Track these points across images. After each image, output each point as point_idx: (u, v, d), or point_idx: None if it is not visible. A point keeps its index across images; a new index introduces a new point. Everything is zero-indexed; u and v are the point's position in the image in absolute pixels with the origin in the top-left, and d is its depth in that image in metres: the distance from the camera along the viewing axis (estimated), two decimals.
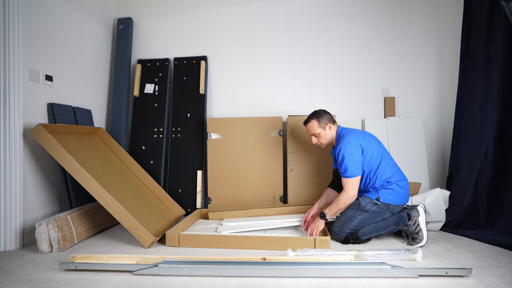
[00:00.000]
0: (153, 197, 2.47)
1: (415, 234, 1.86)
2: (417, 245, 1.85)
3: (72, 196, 2.21)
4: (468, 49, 2.28)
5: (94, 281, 1.42)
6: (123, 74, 2.92)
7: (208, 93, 2.97)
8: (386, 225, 1.88)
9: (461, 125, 2.31)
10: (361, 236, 1.87)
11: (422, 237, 1.85)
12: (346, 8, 2.89)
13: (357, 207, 1.88)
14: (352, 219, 1.87)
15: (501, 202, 1.90)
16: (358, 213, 1.87)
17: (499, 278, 1.41)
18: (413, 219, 1.87)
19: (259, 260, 1.52)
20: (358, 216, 1.87)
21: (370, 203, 1.86)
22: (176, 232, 1.94)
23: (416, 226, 1.86)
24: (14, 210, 1.90)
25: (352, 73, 2.88)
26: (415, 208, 1.93)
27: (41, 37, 2.15)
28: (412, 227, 1.86)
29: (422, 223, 1.86)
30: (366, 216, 1.87)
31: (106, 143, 2.51)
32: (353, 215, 1.88)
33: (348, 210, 1.91)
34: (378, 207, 1.86)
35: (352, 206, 1.90)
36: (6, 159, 1.89)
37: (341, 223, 1.90)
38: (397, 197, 1.87)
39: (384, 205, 1.86)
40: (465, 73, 2.29)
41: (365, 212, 1.87)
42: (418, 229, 1.85)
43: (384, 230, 1.89)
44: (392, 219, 1.89)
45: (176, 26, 3.03)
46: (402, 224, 1.88)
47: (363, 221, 1.87)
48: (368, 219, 1.87)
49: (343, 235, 1.89)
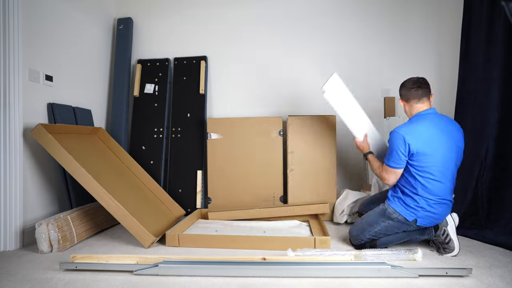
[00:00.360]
0: (153, 197, 2.47)
1: (445, 244, 1.69)
2: (450, 255, 1.70)
3: (72, 196, 2.21)
4: (468, 49, 2.27)
5: (94, 281, 1.42)
6: (123, 74, 2.92)
7: (208, 93, 2.97)
8: (405, 235, 1.74)
9: (461, 125, 2.30)
10: (379, 245, 1.74)
11: (454, 247, 1.67)
12: (346, 7, 2.89)
13: (382, 212, 1.72)
14: (374, 225, 1.72)
15: (501, 202, 1.90)
16: (381, 219, 1.71)
17: (499, 278, 1.41)
18: (441, 229, 1.70)
19: (259, 260, 1.52)
20: (381, 223, 1.71)
21: (396, 213, 1.68)
22: (176, 232, 1.94)
23: (446, 236, 1.68)
24: (14, 210, 1.90)
25: (352, 73, 2.88)
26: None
27: (41, 37, 2.15)
28: (441, 237, 1.70)
29: (451, 232, 1.69)
30: (390, 224, 1.69)
31: (106, 143, 2.51)
32: (375, 221, 1.72)
33: (371, 214, 1.77)
34: (404, 220, 1.67)
35: (377, 210, 1.76)
36: (6, 159, 1.89)
37: (361, 227, 1.76)
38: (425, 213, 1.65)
39: (406, 220, 1.68)
40: (465, 73, 2.29)
41: (390, 220, 1.69)
42: (448, 239, 1.68)
43: (406, 239, 1.76)
44: (416, 231, 1.75)
45: (176, 26, 3.04)
46: (428, 235, 1.73)
47: (386, 229, 1.70)
48: (392, 228, 1.70)
49: (362, 240, 1.76)
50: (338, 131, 2.72)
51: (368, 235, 1.75)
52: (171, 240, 1.90)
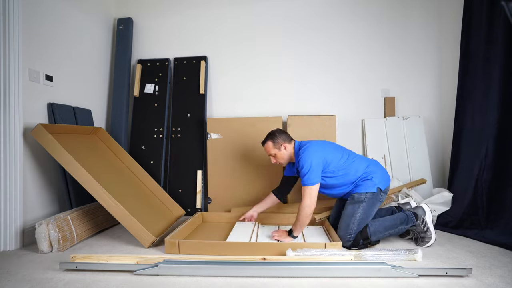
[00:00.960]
0: (153, 197, 2.47)
1: (423, 233, 1.84)
2: (426, 245, 1.83)
3: (72, 196, 2.21)
4: (468, 49, 2.28)
5: (94, 281, 1.42)
6: (123, 74, 2.92)
7: (208, 93, 2.97)
8: (393, 223, 1.85)
9: (461, 125, 2.31)
10: (371, 236, 1.80)
11: (431, 236, 1.83)
12: (346, 8, 2.89)
13: (353, 201, 1.86)
14: (354, 214, 1.83)
15: (501, 202, 1.90)
16: (357, 205, 1.84)
17: (499, 278, 1.41)
18: (420, 218, 1.86)
19: (259, 260, 1.52)
20: (358, 209, 1.83)
21: (363, 194, 1.85)
22: (175, 238, 1.80)
23: (424, 225, 1.84)
24: (14, 210, 1.90)
25: (352, 73, 2.88)
26: (420, 207, 1.93)
27: (41, 37, 2.15)
28: (420, 226, 1.84)
29: (429, 221, 1.85)
30: (365, 205, 1.83)
31: (106, 143, 2.51)
32: (353, 210, 1.84)
33: (346, 208, 1.88)
34: (372, 195, 1.85)
35: (349, 202, 1.88)
36: (6, 159, 1.89)
37: (345, 222, 1.84)
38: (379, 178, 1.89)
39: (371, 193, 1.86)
40: (465, 73, 2.29)
41: (363, 202, 1.84)
42: (426, 227, 1.83)
43: (392, 230, 1.85)
44: (397, 217, 1.87)
45: (176, 26, 3.03)
46: (411, 223, 1.85)
47: (365, 212, 1.83)
48: (368, 208, 1.84)
49: (352, 235, 1.81)
50: (338, 131, 2.73)
51: (354, 227, 1.82)
52: (170, 248, 1.76)
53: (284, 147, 2.00)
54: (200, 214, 2.42)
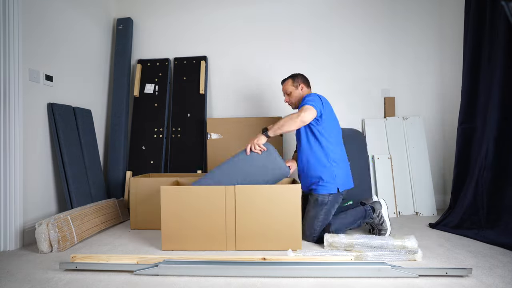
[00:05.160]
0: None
1: (380, 226, 1.98)
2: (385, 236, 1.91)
3: (72, 196, 2.21)
4: (469, 49, 2.27)
5: (94, 281, 1.42)
6: (123, 74, 2.92)
7: (208, 93, 2.97)
8: (353, 220, 1.98)
9: (462, 125, 2.31)
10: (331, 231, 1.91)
11: (386, 228, 1.98)
12: (347, 8, 2.89)
13: (316, 203, 1.95)
14: (318, 216, 1.93)
15: (501, 202, 1.90)
16: (319, 208, 1.94)
17: (499, 278, 1.41)
18: (376, 212, 1.99)
19: (259, 260, 1.52)
20: (321, 211, 1.93)
21: (326, 196, 1.94)
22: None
23: (380, 218, 1.98)
24: (14, 210, 1.90)
25: (352, 73, 2.89)
26: (377, 202, 2.05)
27: (41, 37, 2.15)
28: (376, 219, 1.99)
29: (385, 214, 2.00)
30: (327, 208, 1.94)
31: None
32: (316, 212, 1.94)
33: (310, 210, 1.97)
34: (333, 197, 1.95)
35: (312, 205, 1.96)
36: (6, 159, 1.89)
37: (309, 223, 1.94)
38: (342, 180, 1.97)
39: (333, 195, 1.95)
40: (466, 73, 2.29)
41: (325, 205, 1.94)
42: (382, 220, 1.98)
43: (353, 225, 1.99)
44: (357, 213, 2.00)
45: (176, 26, 3.04)
46: (369, 217, 1.99)
47: (327, 213, 1.94)
48: (330, 209, 1.95)
49: (316, 235, 1.92)
50: None
51: (318, 227, 1.92)
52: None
53: (301, 88, 2.11)
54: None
